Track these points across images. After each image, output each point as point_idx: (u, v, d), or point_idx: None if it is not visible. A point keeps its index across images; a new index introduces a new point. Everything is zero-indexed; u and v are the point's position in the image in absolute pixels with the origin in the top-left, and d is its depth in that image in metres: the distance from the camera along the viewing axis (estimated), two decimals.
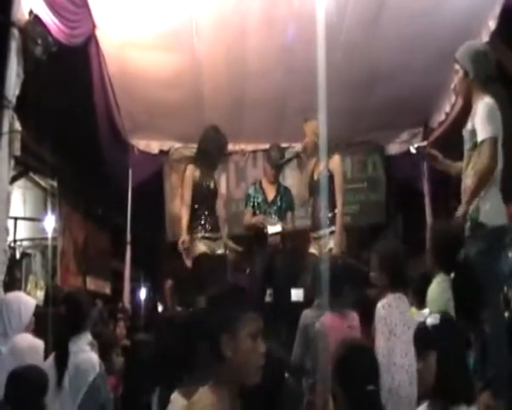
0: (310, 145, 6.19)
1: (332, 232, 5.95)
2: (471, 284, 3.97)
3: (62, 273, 9.86)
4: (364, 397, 2.62)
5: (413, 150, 5.02)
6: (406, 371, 3.82)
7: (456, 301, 3.94)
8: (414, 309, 4.84)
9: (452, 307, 3.91)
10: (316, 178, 6.19)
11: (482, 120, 4.41)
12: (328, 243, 5.91)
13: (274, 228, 6.50)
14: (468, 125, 4.54)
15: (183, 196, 6.26)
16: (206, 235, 6.18)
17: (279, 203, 6.75)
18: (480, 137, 4.39)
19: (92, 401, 3.84)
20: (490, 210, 4.31)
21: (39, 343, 4.19)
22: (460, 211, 4.33)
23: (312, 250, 6.03)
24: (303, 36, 5.29)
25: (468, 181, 4.52)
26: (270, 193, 6.78)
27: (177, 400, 2.57)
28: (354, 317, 4.42)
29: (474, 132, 4.46)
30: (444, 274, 4.04)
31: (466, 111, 4.67)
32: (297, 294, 6.25)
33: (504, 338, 4.32)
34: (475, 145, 4.46)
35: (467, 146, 4.59)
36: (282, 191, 6.86)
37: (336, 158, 6.07)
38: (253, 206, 6.77)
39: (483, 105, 4.46)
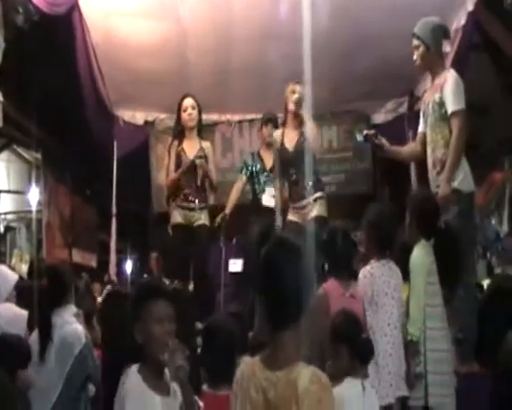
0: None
1: (315, 200, 5.65)
2: (452, 249, 4.01)
3: (48, 246, 9.79)
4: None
5: (360, 138, 5.00)
6: (388, 341, 3.78)
7: (439, 266, 3.98)
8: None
9: (435, 270, 3.95)
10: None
11: (453, 92, 4.52)
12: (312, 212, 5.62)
13: (268, 201, 6.45)
14: (436, 97, 4.60)
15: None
16: (182, 204, 6.20)
17: None
18: (451, 109, 4.50)
19: (79, 372, 3.88)
20: (464, 178, 4.51)
21: (22, 313, 4.21)
22: (445, 189, 4.41)
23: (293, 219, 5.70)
24: (288, 1, 5.25)
25: (438, 152, 4.60)
26: (269, 162, 6.73)
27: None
28: (357, 288, 4.30)
29: (441, 104, 4.54)
30: (424, 240, 4.06)
31: None
32: None
33: (474, 303, 4.39)
34: (444, 116, 4.53)
35: (432, 117, 4.66)
36: None
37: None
38: (250, 174, 6.75)
39: (451, 77, 4.55)
